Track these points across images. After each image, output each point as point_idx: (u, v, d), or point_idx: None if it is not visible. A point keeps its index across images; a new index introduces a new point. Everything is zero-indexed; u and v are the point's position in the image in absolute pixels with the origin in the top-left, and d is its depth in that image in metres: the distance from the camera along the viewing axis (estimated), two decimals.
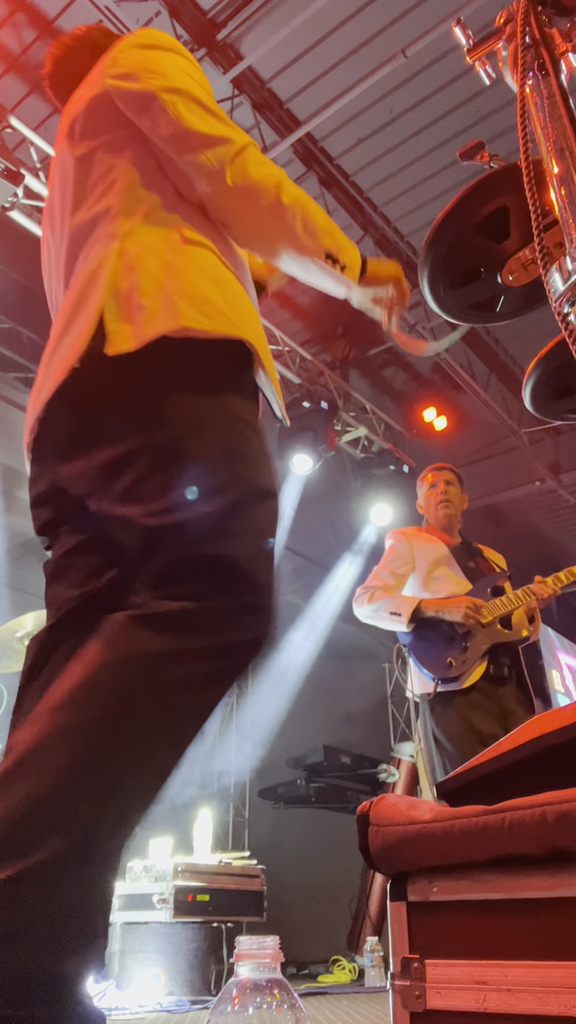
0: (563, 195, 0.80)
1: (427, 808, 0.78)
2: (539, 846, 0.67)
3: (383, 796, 0.82)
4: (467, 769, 0.82)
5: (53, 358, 1.19)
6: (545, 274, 0.79)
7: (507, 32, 0.93)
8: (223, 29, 4.34)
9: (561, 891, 0.66)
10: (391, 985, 0.73)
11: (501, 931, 0.70)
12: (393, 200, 5.22)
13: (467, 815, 0.72)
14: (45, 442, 1.24)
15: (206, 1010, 2.67)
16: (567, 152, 0.82)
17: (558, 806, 0.66)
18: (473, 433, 6.86)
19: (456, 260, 1.24)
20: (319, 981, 4.31)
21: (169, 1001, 2.81)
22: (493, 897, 0.70)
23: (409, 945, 0.74)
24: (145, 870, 3.33)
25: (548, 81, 0.87)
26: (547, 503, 7.80)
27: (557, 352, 1.31)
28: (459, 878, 0.73)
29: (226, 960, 3.09)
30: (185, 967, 3.07)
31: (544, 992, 0.65)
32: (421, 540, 3.16)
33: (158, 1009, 2.68)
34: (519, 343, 6.33)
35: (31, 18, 4.36)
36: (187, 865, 3.32)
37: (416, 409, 6.57)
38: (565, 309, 0.77)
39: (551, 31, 0.90)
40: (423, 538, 3.17)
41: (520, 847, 0.68)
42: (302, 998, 1.40)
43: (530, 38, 0.89)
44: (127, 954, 3.15)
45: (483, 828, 0.70)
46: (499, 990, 0.67)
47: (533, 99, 0.88)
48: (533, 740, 0.76)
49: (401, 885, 0.76)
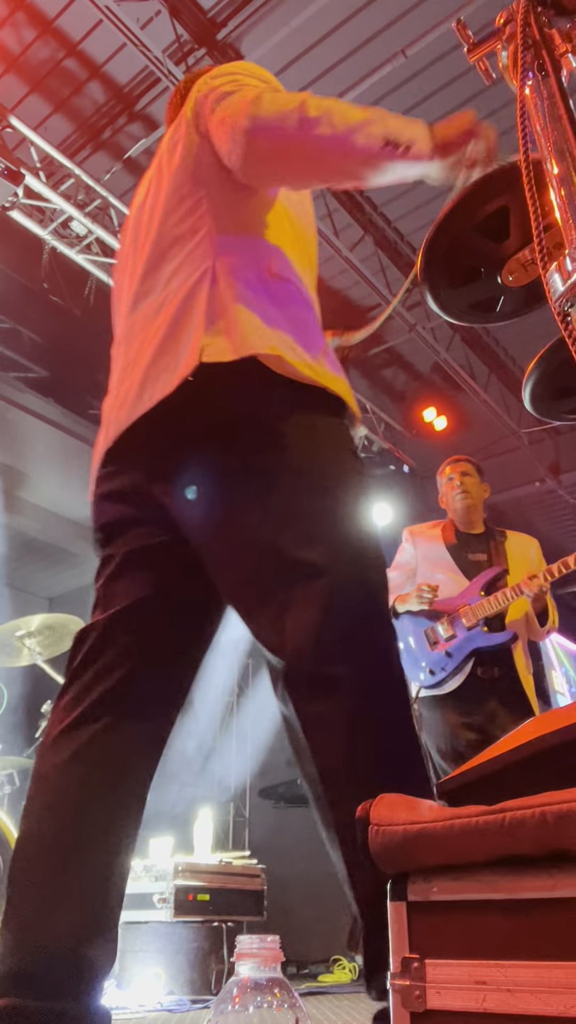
0: (563, 196, 0.80)
1: (427, 808, 0.78)
2: (539, 846, 0.67)
3: (383, 796, 0.82)
4: (467, 769, 0.82)
5: (150, 370, 1.23)
6: (545, 274, 0.79)
7: (507, 32, 0.93)
8: (223, 29, 4.34)
9: (561, 891, 0.66)
10: (391, 985, 0.73)
11: (501, 931, 0.70)
12: (393, 200, 5.22)
13: (467, 815, 0.72)
14: (139, 447, 1.26)
15: (206, 1009, 2.67)
16: (567, 153, 0.82)
17: (558, 806, 0.66)
18: (473, 433, 6.86)
19: (456, 260, 1.24)
20: (319, 981, 4.32)
21: (170, 1000, 2.81)
22: (493, 897, 0.70)
23: (409, 945, 0.74)
24: (145, 870, 3.33)
25: (548, 82, 0.88)
26: (547, 503, 7.80)
27: (557, 352, 1.31)
28: (459, 878, 0.73)
29: (227, 959, 3.10)
30: (186, 966, 3.07)
31: (544, 992, 0.65)
32: (424, 539, 3.16)
33: (158, 1008, 2.68)
34: (519, 343, 6.33)
35: (31, 18, 4.36)
36: (187, 864, 3.32)
37: (416, 409, 6.57)
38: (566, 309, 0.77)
39: (551, 32, 0.90)
40: (428, 535, 3.16)
41: (520, 847, 0.68)
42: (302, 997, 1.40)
43: (530, 39, 0.89)
44: (127, 953, 3.15)
45: (483, 828, 0.70)
46: (499, 990, 0.67)
47: (533, 99, 0.88)
48: (533, 740, 0.76)
49: (401, 885, 0.76)
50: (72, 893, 1.08)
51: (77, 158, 5.02)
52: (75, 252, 4.98)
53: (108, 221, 4.92)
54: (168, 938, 3.13)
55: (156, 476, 1.22)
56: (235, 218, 1.28)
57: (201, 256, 1.24)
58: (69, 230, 4.86)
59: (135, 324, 1.31)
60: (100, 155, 5.23)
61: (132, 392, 1.24)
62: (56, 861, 1.10)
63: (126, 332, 1.34)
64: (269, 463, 1.15)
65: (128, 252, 1.44)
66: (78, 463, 5.89)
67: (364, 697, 1.06)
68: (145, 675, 1.24)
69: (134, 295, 1.35)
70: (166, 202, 1.34)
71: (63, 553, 6.94)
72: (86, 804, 1.13)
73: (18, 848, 1.12)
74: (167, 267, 1.28)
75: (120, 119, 5.02)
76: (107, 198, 4.81)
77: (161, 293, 1.28)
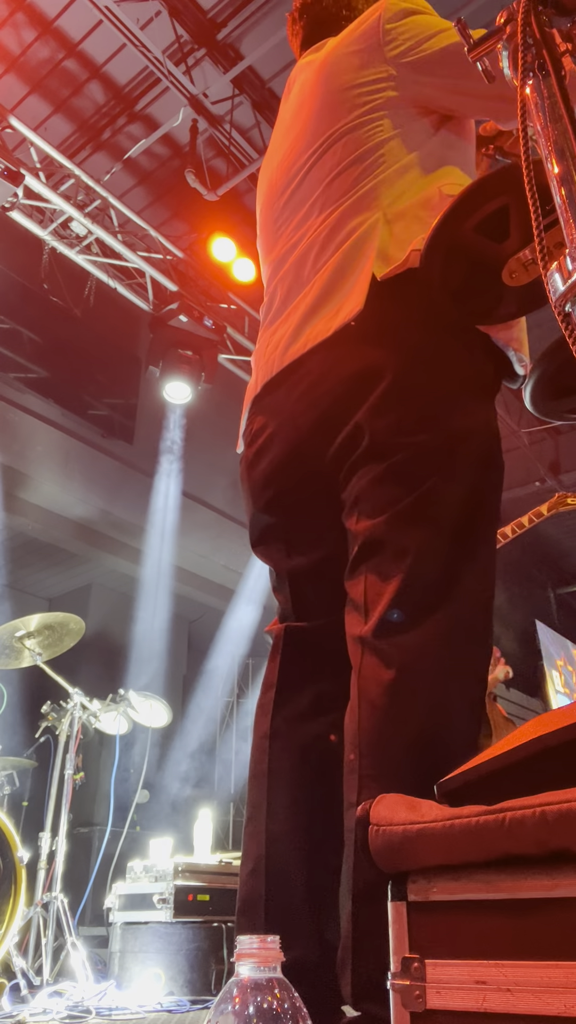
0: (563, 195, 0.80)
1: (427, 808, 0.78)
2: (539, 846, 0.67)
3: (383, 796, 0.82)
4: (467, 769, 0.82)
5: (312, 316, 1.34)
6: (545, 274, 0.79)
7: (507, 32, 0.93)
8: (223, 29, 4.34)
9: (560, 891, 0.66)
10: (391, 985, 0.73)
11: (501, 931, 0.70)
12: None
13: (467, 815, 0.72)
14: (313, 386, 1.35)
15: (206, 1010, 2.67)
16: (567, 152, 0.82)
17: (558, 806, 0.66)
18: None
19: (456, 260, 1.23)
20: None
21: (169, 1001, 2.81)
22: (493, 897, 0.70)
23: (409, 945, 0.74)
24: (145, 870, 3.33)
25: (548, 81, 0.87)
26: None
27: (557, 352, 1.31)
28: (459, 878, 0.73)
29: (226, 960, 3.09)
30: (185, 967, 3.07)
31: (544, 992, 0.65)
32: None
33: (158, 1009, 2.68)
34: None
35: (31, 18, 4.36)
36: (187, 865, 3.32)
37: None
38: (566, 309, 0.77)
39: (551, 31, 0.90)
40: None
41: (519, 847, 0.68)
42: None
43: (531, 38, 0.89)
44: (127, 954, 3.15)
45: (483, 828, 0.70)
46: (499, 990, 0.67)
47: (533, 99, 0.88)
48: (533, 740, 0.76)
49: (401, 885, 0.76)
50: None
51: (77, 158, 5.02)
52: (75, 252, 4.98)
53: (108, 221, 4.93)
54: (168, 938, 3.13)
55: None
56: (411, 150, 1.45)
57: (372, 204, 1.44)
58: (69, 230, 4.86)
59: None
60: (100, 155, 5.24)
61: (279, 335, 1.44)
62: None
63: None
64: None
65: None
66: (78, 463, 5.89)
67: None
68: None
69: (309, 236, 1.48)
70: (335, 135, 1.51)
71: (63, 553, 6.95)
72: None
73: None
74: (341, 214, 1.44)
75: (120, 119, 5.02)
76: (107, 198, 4.81)
77: (335, 244, 1.42)
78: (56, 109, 4.92)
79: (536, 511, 3.27)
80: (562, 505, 3.27)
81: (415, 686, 1.10)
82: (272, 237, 1.56)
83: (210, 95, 4.59)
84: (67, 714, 3.27)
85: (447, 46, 1.33)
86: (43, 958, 2.72)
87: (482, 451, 1.27)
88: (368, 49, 1.42)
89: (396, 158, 1.37)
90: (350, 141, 1.41)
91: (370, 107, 1.40)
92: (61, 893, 2.93)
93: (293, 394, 1.36)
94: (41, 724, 3.35)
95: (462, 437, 1.25)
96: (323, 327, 1.32)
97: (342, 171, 1.41)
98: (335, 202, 1.40)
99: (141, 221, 5.01)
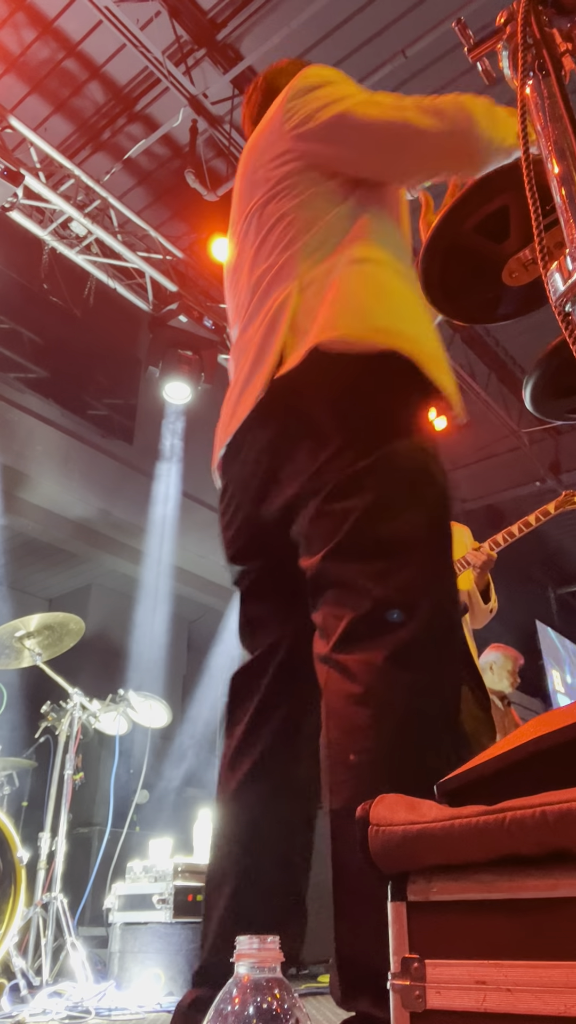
0: (563, 195, 0.80)
1: (427, 808, 0.78)
2: (539, 846, 0.67)
3: (383, 796, 0.82)
4: (467, 769, 0.82)
5: (246, 387, 1.41)
6: (545, 274, 0.79)
7: (507, 32, 0.93)
8: (223, 29, 4.34)
9: (561, 891, 0.66)
10: (390, 985, 0.73)
11: (501, 931, 0.70)
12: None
13: (467, 815, 0.72)
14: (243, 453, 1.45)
15: None
16: (567, 152, 0.82)
17: (558, 806, 0.66)
18: (473, 433, 6.86)
19: (455, 260, 1.23)
20: (319, 981, 4.31)
21: (169, 1001, 2.81)
22: (493, 897, 0.70)
23: (409, 945, 0.74)
24: (145, 870, 3.33)
25: (548, 81, 0.87)
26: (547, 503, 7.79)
27: (557, 352, 1.31)
28: (459, 878, 0.73)
29: None
30: (185, 967, 3.07)
31: (544, 992, 0.65)
32: None
33: (158, 1009, 2.68)
34: (519, 343, 6.33)
35: (31, 18, 4.36)
36: (187, 865, 3.32)
37: None
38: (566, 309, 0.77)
39: (551, 31, 0.90)
40: None
41: (520, 847, 0.68)
42: (302, 997, 1.40)
43: (530, 38, 0.89)
44: (127, 954, 3.15)
45: (483, 828, 0.70)
46: (499, 990, 0.67)
47: (533, 99, 0.88)
48: (533, 740, 0.76)
49: (401, 885, 0.76)
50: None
51: (77, 159, 5.02)
52: (75, 252, 4.98)
53: (108, 222, 4.93)
54: (167, 939, 3.13)
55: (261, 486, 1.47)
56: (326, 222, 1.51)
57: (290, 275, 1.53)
58: (69, 231, 4.86)
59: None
60: (100, 156, 5.24)
61: (230, 408, 1.51)
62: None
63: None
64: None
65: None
66: (78, 463, 5.89)
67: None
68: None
69: (250, 312, 1.54)
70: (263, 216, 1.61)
71: (63, 553, 6.95)
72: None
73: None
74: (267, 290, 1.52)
75: (120, 119, 5.02)
76: (107, 199, 4.81)
77: (260, 316, 1.49)
78: (56, 109, 4.92)
79: (543, 510, 3.27)
80: (569, 504, 3.28)
81: (379, 698, 1.14)
82: (231, 304, 1.67)
83: (210, 95, 4.59)
84: (67, 714, 3.27)
85: (333, 115, 1.42)
86: (43, 958, 2.72)
87: (411, 466, 1.31)
88: (274, 128, 1.53)
89: (306, 225, 1.44)
90: (263, 215, 1.52)
91: (275, 180, 1.51)
92: (61, 893, 2.93)
93: (239, 460, 1.47)
94: (41, 724, 3.35)
95: (387, 458, 1.29)
96: (248, 398, 1.42)
97: (260, 244, 1.51)
98: (260, 276, 1.50)
99: (141, 221, 5.01)
